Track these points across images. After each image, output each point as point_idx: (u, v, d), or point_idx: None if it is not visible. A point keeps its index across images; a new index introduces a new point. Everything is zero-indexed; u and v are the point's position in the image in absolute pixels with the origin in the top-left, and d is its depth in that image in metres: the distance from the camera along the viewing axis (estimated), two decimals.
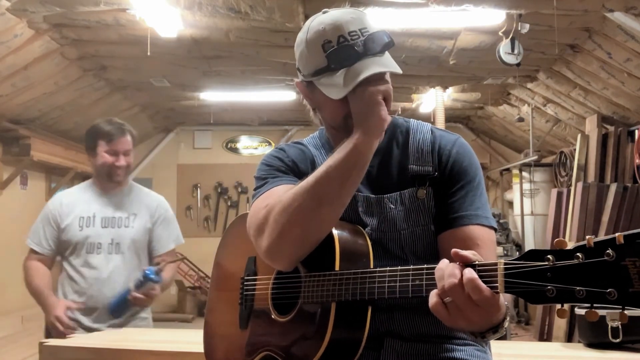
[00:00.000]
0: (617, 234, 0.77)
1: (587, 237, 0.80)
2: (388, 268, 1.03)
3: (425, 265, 0.98)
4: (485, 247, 1.14)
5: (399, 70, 1.15)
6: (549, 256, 0.82)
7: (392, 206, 1.20)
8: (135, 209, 2.65)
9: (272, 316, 1.21)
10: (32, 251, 2.63)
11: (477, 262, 0.91)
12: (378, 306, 1.14)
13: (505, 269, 0.86)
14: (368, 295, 1.04)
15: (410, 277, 0.99)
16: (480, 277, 0.88)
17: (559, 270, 0.81)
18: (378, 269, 1.05)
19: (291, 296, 1.18)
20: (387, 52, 1.19)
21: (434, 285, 0.93)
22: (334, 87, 1.15)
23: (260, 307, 1.26)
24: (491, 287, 0.87)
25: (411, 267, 1.00)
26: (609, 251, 0.77)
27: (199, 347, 1.42)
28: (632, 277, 0.75)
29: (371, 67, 1.13)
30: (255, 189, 1.29)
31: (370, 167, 1.25)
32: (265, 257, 1.17)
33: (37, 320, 5.96)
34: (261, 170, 1.31)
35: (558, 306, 0.83)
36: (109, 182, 2.61)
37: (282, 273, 1.22)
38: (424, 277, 0.97)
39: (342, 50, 1.14)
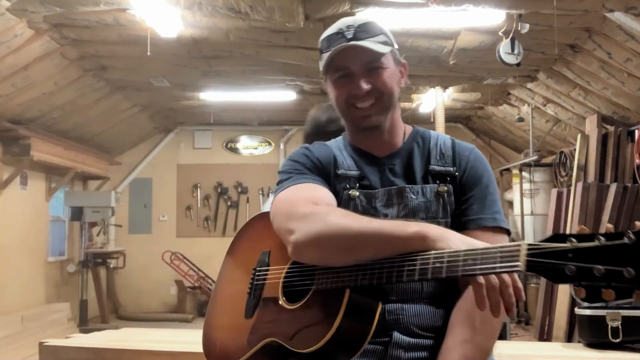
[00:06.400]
0: (637, 222, 0.82)
1: (607, 224, 0.86)
2: (398, 256, 1.05)
3: (433, 252, 1.00)
4: None
5: (374, 48, 1.25)
6: (571, 238, 0.86)
7: (413, 196, 1.26)
8: None
9: (281, 303, 1.22)
10: None
11: (499, 245, 0.94)
12: (388, 300, 1.18)
13: (529, 249, 0.90)
14: (376, 280, 1.06)
15: (418, 263, 1.01)
16: (503, 256, 0.92)
17: (580, 251, 0.85)
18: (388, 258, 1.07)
19: (304, 284, 1.19)
20: (381, 39, 1.29)
21: (440, 268, 0.97)
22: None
23: (270, 296, 1.27)
24: (514, 267, 0.91)
25: (419, 253, 1.02)
26: (630, 234, 0.81)
27: (199, 347, 1.42)
28: None
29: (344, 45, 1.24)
30: (278, 182, 1.33)
31: (392, 165, 1.32)
32: (291, 251, 1.17)
33: (37, 321, 5.99)
34: (287, 166, 1.35)
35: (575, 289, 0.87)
36: None
37: (298, 263, 1.24)
38: (431, 262, 0.99)
39: (332, 36, 1.29)
